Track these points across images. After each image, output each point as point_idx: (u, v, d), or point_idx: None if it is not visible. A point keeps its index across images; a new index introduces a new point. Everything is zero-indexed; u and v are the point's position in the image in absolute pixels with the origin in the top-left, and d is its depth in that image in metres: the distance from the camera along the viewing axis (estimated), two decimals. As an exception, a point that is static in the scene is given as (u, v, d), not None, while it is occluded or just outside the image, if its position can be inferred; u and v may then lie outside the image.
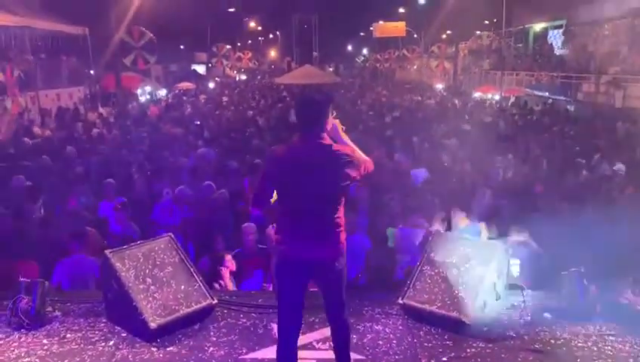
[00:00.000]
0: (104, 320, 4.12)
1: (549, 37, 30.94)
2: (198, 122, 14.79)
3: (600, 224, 4.76)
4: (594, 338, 3.86)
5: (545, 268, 4.75)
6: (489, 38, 32.24)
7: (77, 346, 3.80)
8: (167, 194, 7.05)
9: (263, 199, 3.20)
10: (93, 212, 6.75)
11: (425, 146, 10.84)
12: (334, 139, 3.20)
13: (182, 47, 44.40)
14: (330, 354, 3.41)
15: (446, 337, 3.90)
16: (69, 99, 20.68)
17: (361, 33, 64.69)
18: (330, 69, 48.68)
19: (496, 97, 24.07)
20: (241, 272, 5.22)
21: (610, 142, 11.13)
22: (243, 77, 47.45)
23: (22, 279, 4.09)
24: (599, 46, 23.23)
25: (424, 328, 4.03)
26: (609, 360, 3.62)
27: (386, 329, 4.03)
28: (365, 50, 70.75)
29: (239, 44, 53.42)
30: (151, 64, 22.66)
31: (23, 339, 3.87)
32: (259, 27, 62.95)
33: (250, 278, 5.26)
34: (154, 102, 24.54)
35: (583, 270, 4.16)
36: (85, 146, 10.75)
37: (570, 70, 22.42)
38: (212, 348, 3.80)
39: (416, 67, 46.43)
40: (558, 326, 4.02)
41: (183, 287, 4.17)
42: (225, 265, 4.98)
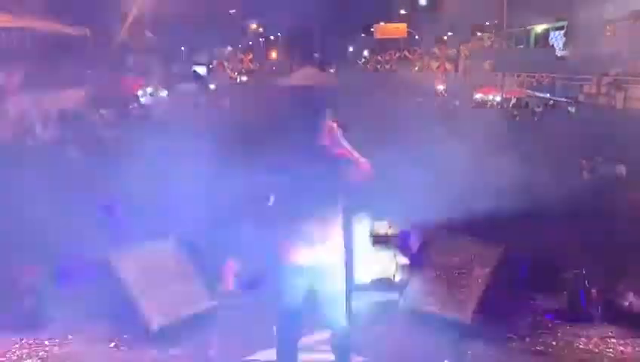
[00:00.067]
0: (105, 322, 4.11)
1: (550, 38, 30.92)
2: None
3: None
4: (595, 340, 3.86)
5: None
6: (490, 39, 32.23)
7: (78, 347, 3.80)
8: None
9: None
10: (94, 212, 6.74)
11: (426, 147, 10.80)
12: (333, 141, 3.20)
13: (182, 49, 44.38)
14: (331, 356, 3.40)
15: (446, 338, 3.90)
16: (71, 101, 20.67)
17: (362, 34, 64.66)
18: (331, 71, 48.64)
19: (498, 98, 24.05)
20: (242, 273, 5.20)
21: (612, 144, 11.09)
22: (244, 78, 47.42)
23: (23, 279, 4.09)
24: (600, 48, 23.23)
25: (424, 329, 4.02)
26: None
27: (387, 330, 4.03)
28: (366, 52, 70.70)
29: (240, 46, 53.41)
30: (151, 65, 22.66)
31: (24, 341, 3.87)
32: (260, 29, 62.96)
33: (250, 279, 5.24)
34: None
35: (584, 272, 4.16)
36: (86, 147, 10.74)
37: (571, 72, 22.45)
38: (213, 349, 3.80)
39: (417, 68, 46.40)
40: (560, 328, 4.01)
41: (184, 288, 4.16)
42: (226, 266, 4.96)
